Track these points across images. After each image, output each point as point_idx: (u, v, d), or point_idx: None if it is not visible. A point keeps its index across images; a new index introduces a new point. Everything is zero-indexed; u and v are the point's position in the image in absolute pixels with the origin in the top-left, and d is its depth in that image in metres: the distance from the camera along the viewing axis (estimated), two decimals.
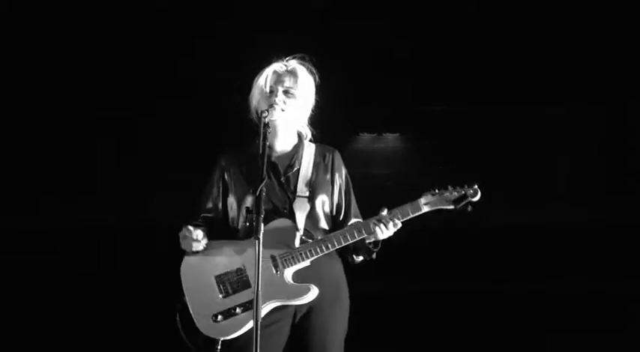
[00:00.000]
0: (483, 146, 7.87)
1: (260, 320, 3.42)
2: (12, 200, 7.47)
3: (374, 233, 3.57)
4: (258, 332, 3.19)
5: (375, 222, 3.56)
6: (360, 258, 3.73)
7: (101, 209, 7.70)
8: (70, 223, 7.59)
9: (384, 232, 3.57)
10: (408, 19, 7.22)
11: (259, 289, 3.20)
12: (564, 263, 7.42)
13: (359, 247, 3.68)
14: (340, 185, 3.82)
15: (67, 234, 7.47)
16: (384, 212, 3.57)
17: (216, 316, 3.60)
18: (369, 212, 3.69)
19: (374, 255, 3.68)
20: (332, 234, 3.62)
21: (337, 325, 3.73)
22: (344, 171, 3.86)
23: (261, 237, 3.23)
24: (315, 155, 3.81)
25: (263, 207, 3.30)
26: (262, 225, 3.26)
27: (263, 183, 3.35)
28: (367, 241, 3.63)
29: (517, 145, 7.90)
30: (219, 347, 3.59)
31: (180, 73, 7.28)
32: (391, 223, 3.55)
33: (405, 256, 6.44)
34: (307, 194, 3.71)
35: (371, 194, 3.66)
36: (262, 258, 3.51)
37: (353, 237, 3.59)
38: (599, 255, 7.45)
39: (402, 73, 7.47)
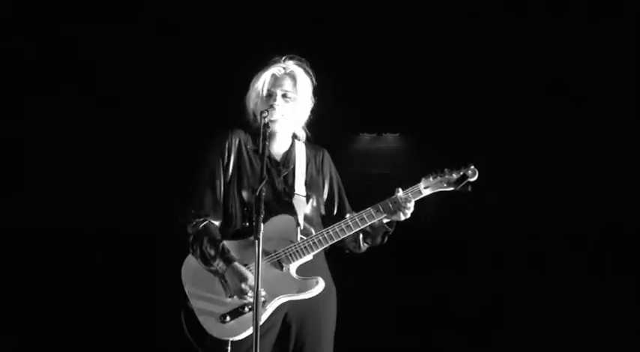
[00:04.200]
0: (484, 146, 7.87)
1: (265, 318, 3.46)
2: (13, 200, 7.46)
3: (394, 213, 3.60)
4: (258, 332, 3.20)
5: (394, 202, 3.60)
6: (368, 245, 3.77)
7: (101, 209, 7.69)
8: (69, 223, 7.58)
9: (406, 212, 3.60)
10: (408, 18, 7.22)
11: (259, 289, 3.20)
12: (564, 263, 7.41)
13: (372, 232, 3.71)
14: (331, 183, 3.87)
15: (66, 234, 7.46)
16: (400, 192, 3.61)
17: (224, 316, 3.58)
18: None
19: (386, 238, 3.72)
20: (334, 225, 3.64)
21: (329, 323, 3.76)
22: (333, 169, 3.92)
23: (260, 236, 3.23)
24: (307, 154, 3.84)
25: (263, 207, 3.30)
26: (262, 224, 3.26)
27: (263, 183, 3.36)
28: (385, 221, 3.66)
29: (518, 145, 7.90)
30: (228, 349, 3.57)
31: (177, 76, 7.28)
32: (409, 203, 3.59)
33: (403, 255, 6.44)
34: (304, 193, 3.74)
35: (371, 194, 3.67)
36: (266, 254, 3.55)
37: (363, 221, 3.62)
38: (600, 254, 7.45)
39: (402, 72, 7.47)
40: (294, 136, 3.87)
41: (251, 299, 3.50)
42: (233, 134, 3.79)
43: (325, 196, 3.83)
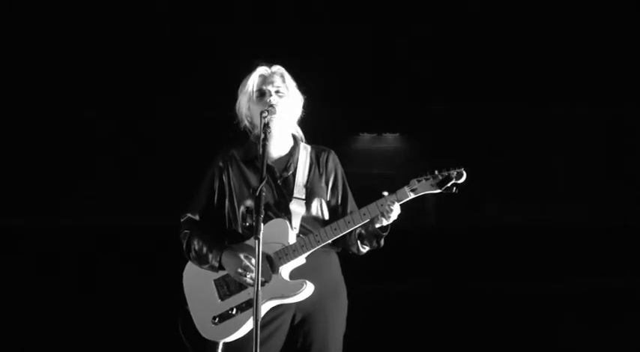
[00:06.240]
0: (484, 146, 7.88)
1: (259, 321, 3.45)
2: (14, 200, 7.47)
3: (379, 216, 3.55)
4: (258, 332, 3.19)
5: (381, 205, 3.54)
6: (367, 248, 3.72)
7: (101, 209, 7.70)
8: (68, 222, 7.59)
9: (389, 216, 3.55)
10: (407, 18, 7.22)
11: (259, 289, 3.20)
12: (564, 263, 7.42)
13: (366, 235, 3.68)
14: (335, 184, 3.82)
15: (66, 233, 7.47)
16: (386, 195, 3.56)
17: (215, 319, 3.63)
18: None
19: (382, 241, 3.67)
20: (324, 227, 3.61)
21: (337, 324, 3.73)
22: (339, 170, 3.85)
23: (261, 236, 3.23)
24: (311, 157, 3.81)
25: (262, 208, 3.30)
26: (262, 225, 3.26)
27: (263, 183, 3.35)
28: (377, 225, 3.61)
29: (518, 145, 7.90)
30: (219, 350, 3.61)
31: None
32: (393, 206, 3.53)
33: (403, 255, 6.45)
34: (304, 196, 3.71)
35: (371, 194, 3.66)
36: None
37: (350, 224, 3.58)
38: (599, 255, 7.45)
39: (402, 72, 7.48)
40: (295, 138, 3.86)
41: (250, 280, 3.55)
42: (221, 153, 3.83)
43: (328, 196, 3.80)
